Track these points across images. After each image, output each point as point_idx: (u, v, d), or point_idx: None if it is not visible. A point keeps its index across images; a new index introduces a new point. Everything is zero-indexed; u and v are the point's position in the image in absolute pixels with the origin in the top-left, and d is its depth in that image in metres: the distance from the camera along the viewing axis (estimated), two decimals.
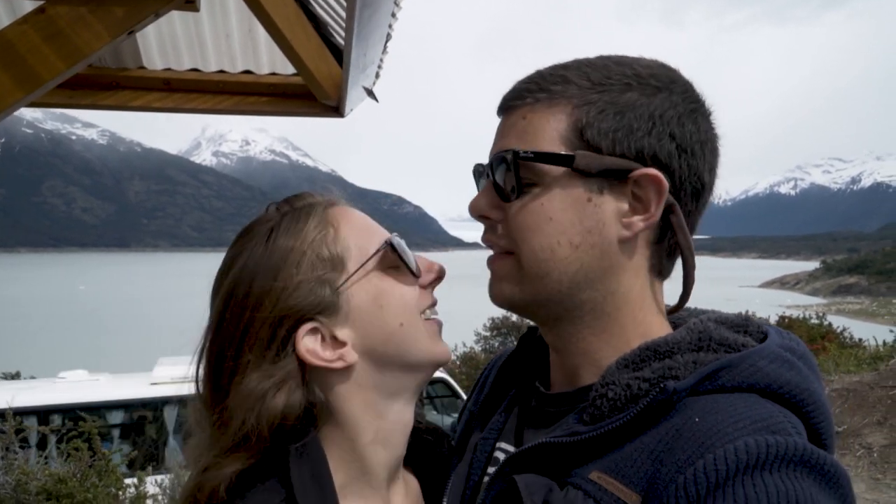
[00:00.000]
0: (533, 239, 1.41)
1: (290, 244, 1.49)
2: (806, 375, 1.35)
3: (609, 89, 1.41)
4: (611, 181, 1.40)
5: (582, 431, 1.34)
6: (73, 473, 7.90)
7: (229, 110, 4.85)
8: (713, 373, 1.30)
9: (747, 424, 1.19)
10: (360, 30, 3.11)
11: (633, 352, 1.39)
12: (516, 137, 1.43)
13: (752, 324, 1.47)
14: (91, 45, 3.32)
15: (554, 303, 1.45)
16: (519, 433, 1.60)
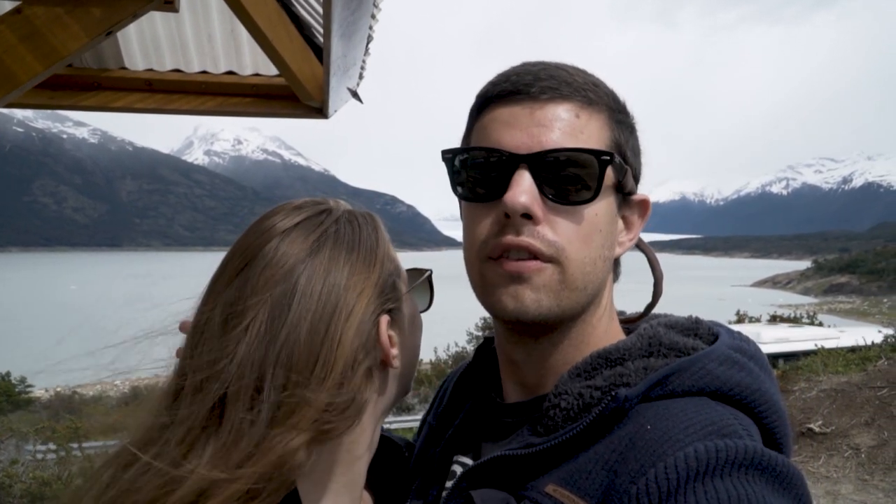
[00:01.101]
0: (583, 250, 1.35)
1: (372, 245, 1.44)
2: (757, 375, 1.35)
3: (623, 110, 1.44)
4: (623, 200, 1.44)
5: (536, 443, 1.32)
6: (58, 476, 7.84)
7: (212, 111, 4.82)
8: (663, 378, 1.29)
9: (698, 429, 1.18)
10: (339, 30, 3.08)
11: (584, 360, 1.38)
12: (572, 135, 1.34)
13: (702, 326, 1.47)
14: (68, 46, 3.28)
15: (570, 317, 1.42)
16: (476, 446, 1.57)
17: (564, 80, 1.36)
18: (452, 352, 27.21)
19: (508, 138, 1.35)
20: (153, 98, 4.72)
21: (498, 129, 1.37)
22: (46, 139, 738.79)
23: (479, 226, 1.40)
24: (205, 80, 4.77)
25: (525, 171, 1.32)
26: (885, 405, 9.72)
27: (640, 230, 1.49)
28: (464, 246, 1.47)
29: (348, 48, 3.52)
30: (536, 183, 1.32)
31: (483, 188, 1.39)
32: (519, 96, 1.36)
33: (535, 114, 1.34)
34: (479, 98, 1.45)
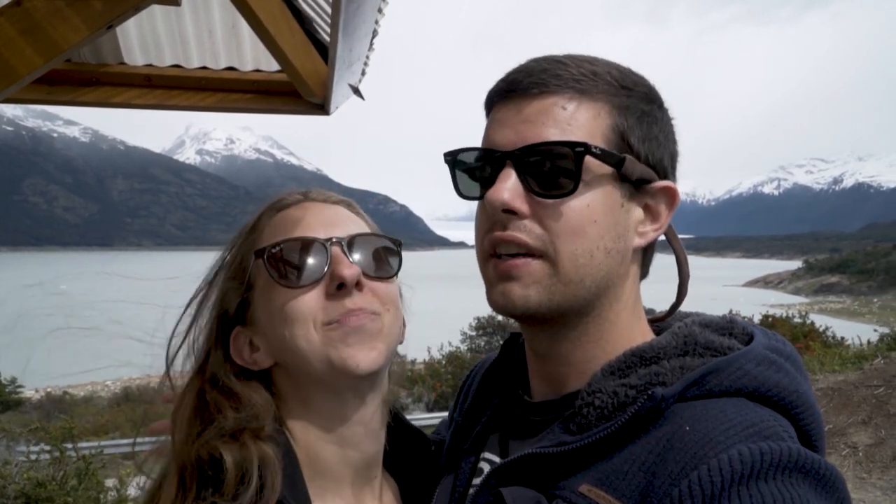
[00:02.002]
0: (575, 241, 1.34)
1: (226, 254, 1.63)
2: (794, 377, 1.33)
3: (634, 94, 1.41)
4: (635, 189, 1.40)
5: (569, 441, 1.31)
6: (53, 476, 7.77)
7: (212, 108, 4.76)
8: (700, 378, 1.28)
9: (738, 431, 1.17)
10: (346, 25, 3.04)
11: (618, 358, 1.36)
12: (557, 128, 1.33)
13: (737, 325, 1.46)
14: (69, 40, 3.23)
15: (574, 310, 1.40)
16: (504, 443, 1.56)
17: (555, 74, 1.36)
18: (446, 351, 27.18)
19: (500, 136, 1.38)
20: (152, 94, 4.66)
21: (493, 128, 1.41)
22: (37, 138, 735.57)
23: (479, 222, 1.44)
24: (205, 75, 4.70)
25: (510, 167, 1.35)
26: (882, 403, 9.75)
27: (668, 219, 1.45)
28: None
29: (353, 43, 3.48)
30: (522, 178, 1.34)
31: (477, 187, 1.43)
32: (511, 94, 1.39)
33: (522, 111, 1.36)
34: (486, 100, 1.48)
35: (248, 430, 1.44)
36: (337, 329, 1.47)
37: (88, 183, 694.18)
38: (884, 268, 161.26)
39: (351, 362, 1.46)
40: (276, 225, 1.59)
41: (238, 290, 1.57)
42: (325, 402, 1.54)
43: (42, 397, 33.49)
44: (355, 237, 1.56)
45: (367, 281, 1.54)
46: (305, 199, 1.66)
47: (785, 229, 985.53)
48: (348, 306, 1.49)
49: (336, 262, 1.50)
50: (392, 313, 1.58)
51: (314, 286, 1.49)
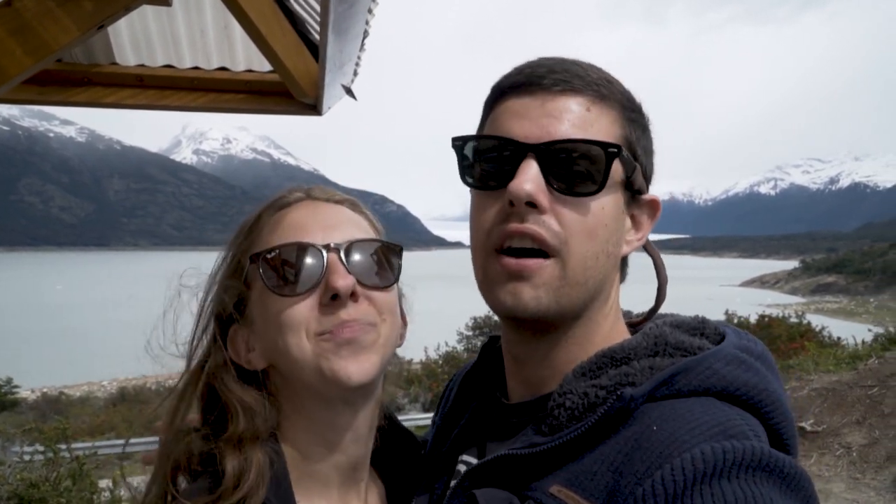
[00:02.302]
0: (587, 243, 1.35)
1: (226, 250, 1.61)
2: (764, 376, 1.34)
3: (637, 107, 1.44)
4: (631, 198, 1.44)
5: (540, 443, 1.31)
6: (46, 477, 7.75)
7: (204, 108, 4.76)
8: (669, 378, 1.28)
9: (704, 430, 1.17)
10: (336, 25, 3.04)
11: (590, 359, 1.37)
12: (581, 127, 1.34)
13: (708, 326, 1.46)
14: (59, 40, 3.22)
15: (572, 313, 1.40)
16: (482, 445, 1.57)
17: (577, 74, 1.37)
18: (443, 352, 27.19)
19: (518, 128, 1.35)
20: (144, 94, 4.66)
21: (509, 119, 1.38)
22: (33, 138, 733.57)
23: (485, 214, 1.40)
24: (197, 75, 4.71)
25: (532, 160, 1.33)
26: (876, 404, 9.76)
27: (649, 231, 1.49)
28: (470, 236, 1.47)
29: (344, 44, 3.48)
30: (543, 173, 1.32)
31: (491, 176, 1.40)
32: (531, 88, 1.37)
33: (546, 105, 1.35)
34: (494, 89, 1.46)
35: (247, 437, 1.44)
36: (329, 340, 1.44)
37: (85, 183, 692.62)
38: (880, 267, 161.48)
39: (342, 375, 1.43)
40: (274, 225, 1.56)
41: (235, 290, 1.55)
42: (315, 408, 1.52)
43: (38, 398, 33.43)
44: (354, 243, 1.52)
45: (364, 290, 1.50)
46: (307, 197, 1.62)
47: (782, 229, 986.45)
48: (342, 317, 1.45)
49: (331, 272, 1.45)
50: (389, 322, 1.54)
51: (308, 294, 1.46)
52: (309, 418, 1.53)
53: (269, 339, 1.50)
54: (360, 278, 1.49)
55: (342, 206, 1.63)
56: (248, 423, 1.45)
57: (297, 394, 1.52)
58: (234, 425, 1.45)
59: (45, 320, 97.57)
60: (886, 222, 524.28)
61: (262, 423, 1.47)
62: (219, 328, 1.57)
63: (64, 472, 8.13)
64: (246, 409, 1.47)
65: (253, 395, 1.50)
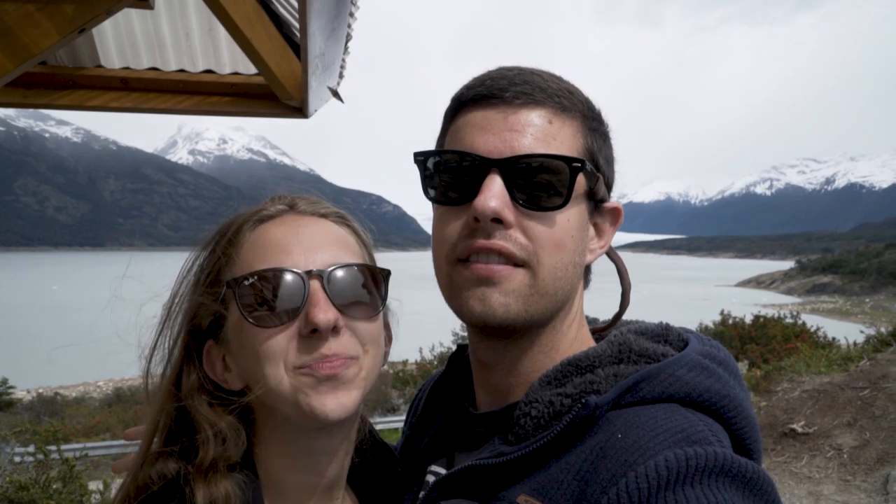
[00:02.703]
0: (556, 255, 1.35)
1: (201, 258, 1.52)
2: (726, 382, 1.34)
3: (597, 117, 1.44)
4: (594, 208, 1.44)
5: (507, 452, 1.31)
6: (36, 480, 7.72)
7: (190, 110, 4.74)
8: (633, 385, 1.29)
9: (667, 437, 1.18)
10: (317, 28, 3.03)
11: (555, 367, 1.37)
12: (544, 141, 1.34)
13: (672, 332, 1.47)
14: (40, 44, 3.21)
15: (540, 322, 1.40)
16: (450, 455, 1.57)
17: (538, 86, 1.36)
18: (437, 352, 27.17)
19: (481, 142, 1.34)
20: (129, 97, 4.64)
21: (471, 132, 1.37)
22: (28, 138, 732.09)
23: (448, 228, 1.39)
24: (182, 78, 4.69)
25: (496, 175, 1.32)
26: (867, 405, 9.77)
27: (611, 238, 1.50)
28: (433, 248, 1.46)
29: (327, 46, 3.47)
30: (508, 188, 1.32)
31: (455, 191, 1.38)
32: (493, 100, 1.36)
33: (508, 118, 1.34)
34: (454, 101, 1.44)
35: (219, 463, 1.38)
36: (308, 375, 1.37)
37: (80, 183, 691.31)
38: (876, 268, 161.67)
39: (320, 412, 1.36)
40: (254, 242, 1.46)
41: (211, 308, 1.47)
42: (292, 434, 1.47)
43: (33, 398, 33.33)
44: (338, 268, 1.43)
45: (347, 321, 1.42)
46: (290, 209, 1.53)
47: (777, 229, 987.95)
48: (322, 352, 1.37)
49: (312, 304, 1.37)
50: (371, 354, 1.47)
51: (287, 326, 1.38)
52: (285, 443, 1.48)
53: (245, 365, 1.43)
54: (343, 309, 1.41)
55: (327, 221, 1.54)
56: (220, 449, 1.39)
57: (274, 418, 1.46)
58: (205, 451, 1.38)
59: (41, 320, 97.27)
60: (882, 222, 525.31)
61: (235, 448, 1.41)
62: (193, 343, 1.49)
63: (54, 474, 8.10)
64: (218, 434, 1.40)
65: (227, 419, 1.43)
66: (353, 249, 1.54)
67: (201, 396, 1.46)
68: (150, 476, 1.39)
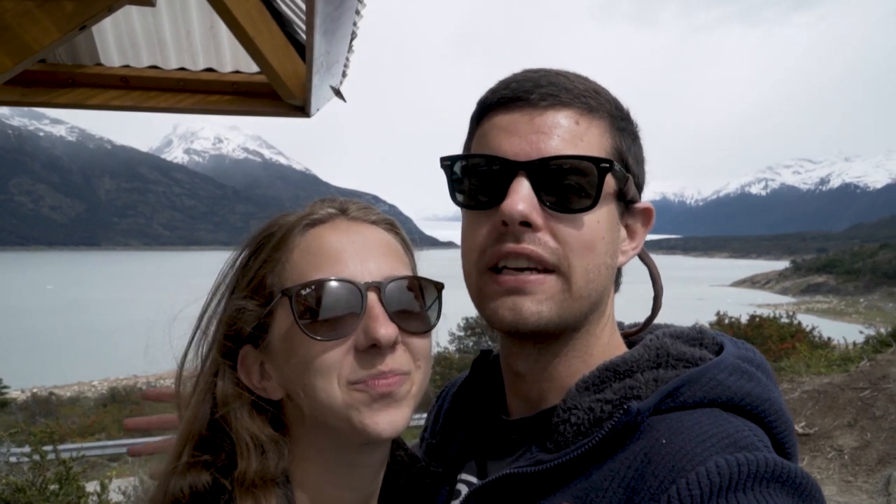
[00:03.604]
0: (586, 257, 1.33)
1: (244, 258, 1.46)
2: (766, 385, 1.33)
3: (626, 116, 1.42)
4: (625, 209, 1.42)
5: (546, 460, 1.29)
6: (32, 482, 7.66)
7: (190, 109, 4.70)
8: (674, 390, 1.27)
9: (715, 443, 1.17)
10: (322, 26, 2.99)
11: (592, 373, 1.35)
12: (571, 142, 1.32)
13: (706, 336, 1.45)
14: (40, 41, 3.17)
15: (573, 326, 1.38)
16: (481, 464, 1.53)
17: (564, 87, 1.35)
18: (435, 352, 27.15)
19: (508, 145, 1.33)
20: (129, 95, 4.60)
21: (497, 136, 1.35)
22: (22, 137, 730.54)
23: (477, 233, 1.37)
24: (183, 77, 4.65)
25: (524, 178, 1.30)
26: (868, 406, 9.76)
27: (643, 239, 1.48)
28: (462, 255, 1.44)
29: (332, 45, 3.43)
30: (535, 190, 1.30)
31: (482, 195, 1.36)
32: (519, 103, 1.35)
33: (534, 120, 1.33)
34: (480, 105, 1.43)
35: (259, 478, 1.33)
36: (363, 391, 1.32)
37: (75, 182, 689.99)
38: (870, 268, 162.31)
39: (372, 430, 1.32)
40: (306, 248, 1.40)
41: (256, 314, 1.40)
42: (334, 449, 1.41)
43: (28, 398, 33.28)
44: (393, 281, 1.38)
45: (404, 337, 1.38)
46: (342, 214, 1.47)
47: (772, 229, 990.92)
48: (380, 368, 1.32)
49: (372, 318, 1.32)
50: (423, 369, 1.44)
51: (345, 339, 1.33)
52: (326, 458, 1.42)
53: (293, 376, 1.37)
54: (400, 324, 1.36)
55: (378, 228, 1.49)
56: (260, 462, 1.34)
57: (316, 432, 1.40)
58: (245, 464, 1.33)
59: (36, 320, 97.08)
60: (876, 222, 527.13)
61: (275, 462, 1.36)
62: (229, 350, 1.43)
63: (51, 475, 8.04)
64: (258, 446, 1.35)
65: (267, 431, 1.38)
66: (404, 259, 1.50)
67: (241, 406, 1.40)
68: (181, 488, 1.33)
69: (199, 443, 1.39)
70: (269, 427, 1.39)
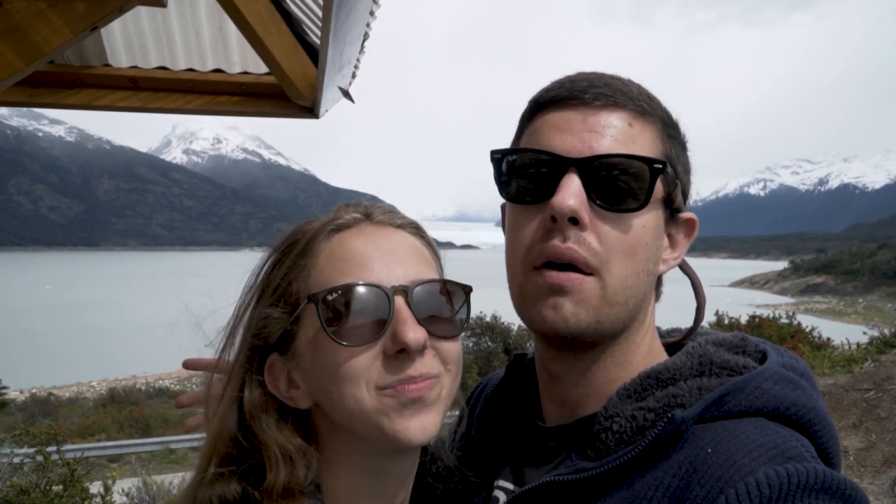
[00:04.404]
0: (627, 261, 1.32)
1: (269, 265, 1.44)
2: (810, 394, 1.32)
3: (676, 126, 1.42)
4: (670, 216, 1.42)
5: (588, 468, 1.27)
6: (36, 483, 7.64)
7: (199, 110, 4.68)
8: (719, 399, 1.26)
9: (762, 453, 1.15)
10: (337, 28, 2.97)
11: (633, 380, 1.34)
12: (623, 143, 1.32)
13: (749, 343, 1.43)
14: (51, 42, 3.14)
15: (611, 332, 1.37)
16: (518, 470, 1.51)
17: (619, 89, 1.35)
18: None
19: (560, 142, 1.33)
20: (137, 96, 4.58)
21: (549, 132, 1.35)
22: (21, 137, 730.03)
23: (524, 229, 1.37)
24: (191, 77, 4.63)
25: (574, 175, 1.30)
26: (873, 407, 9.75)
27: (685, 250, 1.47)
28: (507, 251, 1.43)
29: (344, 46, 3.41)
30: (585, 188, 1.30)
31: (531, 191, 1.36)
32: (572, 102, 1.35)
33: (587, 119, 1.33)
34: (532, 102, 1.43)
35: (288, 489, 1.31)
36: (393, 396, 1.30)
37: (74, 182, 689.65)
38: (869, 268, 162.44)
39: (403, 436, 1.30)
40: (332, 255, 1.38)
41: (282, 321, 1.39)
42: (365, 458, 1.39)
43: (27, 399, 33.26)
44: (421, 284, 1.36)
45: (433, 341, 1.36)
46: (367, 219, 1.45)
47: (771, 230, 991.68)
48: (409, 373, 1.31)
49: (400, 323, 1.30)
50: (453, 373, 1.41)
51: (372, 344, 1.31)
52: (356, 467, 1.40)
53: (321, 384, 1.35)
54: (429, 328, 1.34)
55: (404, 232, 1.47)
56: (290, 472, 1.32)
57: (346, 441, 1.38)
58: (275, 475, 1.31)
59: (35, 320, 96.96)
60: (875, 223, 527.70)
61: (304, 472, 1.34)
62: (256, 357, 1.41)
63: (54, 477, 8.02)
64: (287, 456, 1.34)
65: (295, 441, 1.36)
66: (430, 262, 1.47)
67: (269, 416, 1.38)
68: (209, 499, 1.31)
69: (227, 453, 1.38)
70: (297, 437, 1.37)
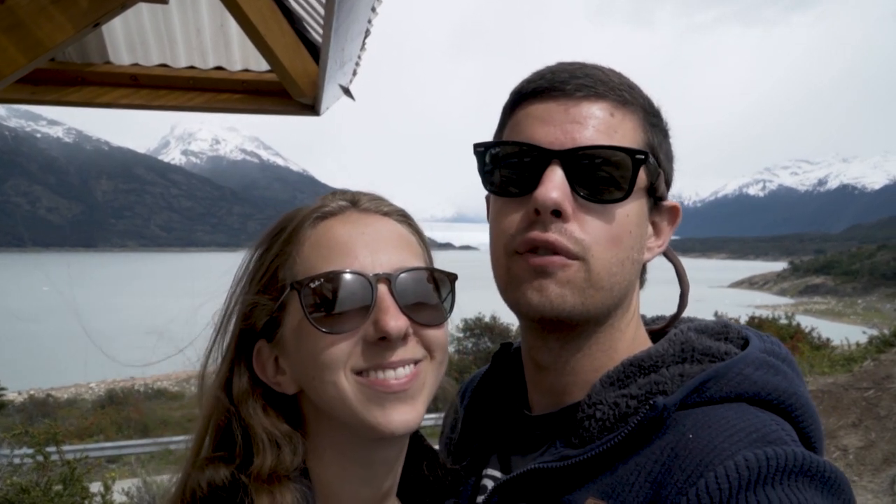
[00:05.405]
0: (611, 250, 1.33)
1: (257, 255, 1.45)
2: (792, 379, 1.34)
3: (658, 114, 1.43)
4: (654, 205, 1.43)
5: (572, 455, 1.29)
6: (37, 482, 7.65)
7: (200, 108, 4.69)
8: (700, 385, 1.28)
9: (742, 437, 1.17)
10: (339, 25, 2.98)
11: (616, 368, 1.36)
12: (606, 133, 1.32)
13: (731, 330, 1.45)
14: (53, 38, 3.15)
15: (595, 318, 1.38)
16: (505, 459, 1.53)
17: (600, 79, 1.36)
18: None
19: (542, 134, 1.33)
20: (138, 94, 4.59)
21: (532, 124, 1.36)
22: (19, 138, 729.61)
23: (507, 220, 1.38)
24: (192, 75, 4.64)
25: (557, 167, 1.31)
26: (872, 406, 9.77)
27: (669, 237, 1.48)
28: (490, 241, 1.44)
29: (346, 43, 3.42)
30: (568, 179, 1.31)
31: (514, 183, 1.37)
32: (554, 93, 1.35)
33: (569, 111, 1.33)
34: (514, 94, 1.43)
35: (276, 473, 1.32)
36: (373, 388, 1.31)
37: (72, 183, 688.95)
38: (868, 269, 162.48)
39: (385, 426, 1.31)
40: (316, 242, 1.39)
41: (268, 308, 1.40)
42: (350, 444, 1.41)
43: (25, 400, 33.21)
44: (405, 272, 1.36)
45: (416, 328, 1.36)
46: (352, 206, 1.46)
47: (770, 230, 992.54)
48: (390, 360, 1.32)
49: (382, 311, 1.30)
50: (437, 361, 1.42)
51: (354, 332, 1.32)
52: (342, 453, 1.41)
53: (304, 370, 1.36)
54: (413, 315, 1.35)
55: (390, 220, 1.47)
56: (276, 457, 1.33)
57: (331, 427, 1.39)
58: (261, 459, 1.32)
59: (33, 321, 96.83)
60: (874, 224, 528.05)
61: (291, 457, 1.35)
62: (244, 345, 1.43)
63: (54, 476, 8.03)
64: (273, 441, 1.35)
65: (282, 427, 1.37)
66: (417, 251, 1.47)
67: (255, 401, 1.39)
68: (199, 483, 1.33)
69: (217, 438, 1.40)
70: (284, 422, 1.39)
